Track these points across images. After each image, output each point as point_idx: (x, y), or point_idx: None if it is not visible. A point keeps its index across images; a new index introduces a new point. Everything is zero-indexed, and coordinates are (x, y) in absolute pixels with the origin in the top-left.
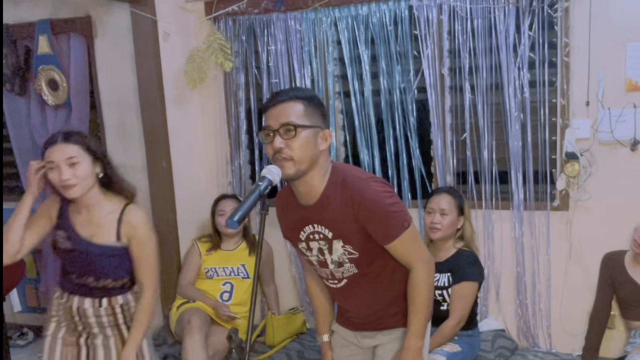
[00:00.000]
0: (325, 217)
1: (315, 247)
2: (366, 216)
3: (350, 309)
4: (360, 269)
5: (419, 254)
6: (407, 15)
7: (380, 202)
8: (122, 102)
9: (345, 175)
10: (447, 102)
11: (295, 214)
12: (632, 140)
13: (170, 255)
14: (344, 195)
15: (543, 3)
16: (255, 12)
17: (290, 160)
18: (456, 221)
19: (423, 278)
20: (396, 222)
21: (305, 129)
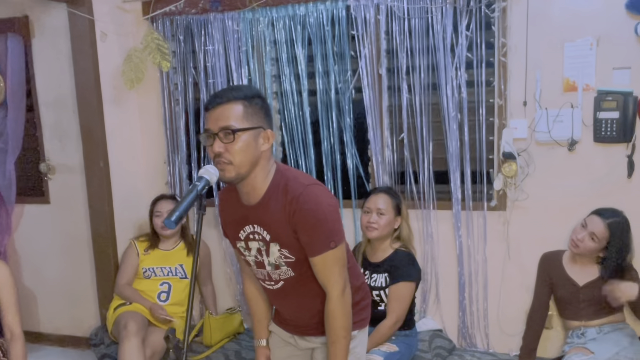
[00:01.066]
0: (264, 219)
1: (255, 247)
2: (298, 223)
3: (286, 312)
4: (296, 273)
5: (336, 280)
6: (344, 15)
7: (316, 211)
8: (60, 102)
9: (288, 178)
10: (385, 102)
11: (237, 213)
12: (569, 140)
13: (107, 254)
14: (283, 199)
15: (480, 3)
16: (192, 12)
17: (230, 164)
18: (393, 221)
19: (337, 307)
20: (323, 238)
21: (245, 132)
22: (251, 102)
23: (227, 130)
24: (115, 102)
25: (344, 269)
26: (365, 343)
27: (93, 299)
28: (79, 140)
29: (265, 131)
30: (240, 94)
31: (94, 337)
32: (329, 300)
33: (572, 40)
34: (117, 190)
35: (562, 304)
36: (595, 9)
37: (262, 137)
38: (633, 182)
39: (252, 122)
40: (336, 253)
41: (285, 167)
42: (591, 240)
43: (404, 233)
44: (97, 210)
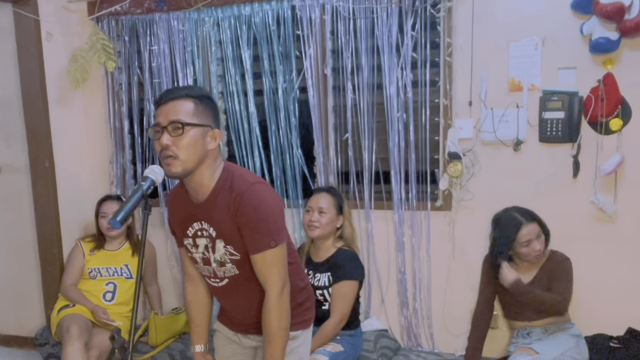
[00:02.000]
0: (211, 215)
1: (202, 244)
2: (241, 220)
3: (231, 309)
4: (241, 271)
5: (275, 279)
6: (289, 15)
7: (258, 209)
8: (5, 101)
9: (234, 176)
10: (330, 102)
11: (185, 210)
12: (514, 140)
13: (52, 254)
14: (229, 196)
15: (425, 3)
16: (138, 12)
17: (176, 159)
18: (335, 220)
19: (274, 307)
20: (264, 236)
21: (194, 128)
22: (201, 101)
23: (177, 124)
24: (60, 102)
25: (284, 270)
26: (309, 343)
27: (38, 299)
28: (24, 141)
29: (213, 130)
30: (191, 92)
31: (40, 337)
32: (267, 299)
33: (517, 40)
34: (62, 190)
35: (506, 305)
36: (540, 9)
37: (210, 135)
38: (578, 182)
39: (201, 119)
40: (276, 252)
41: (233, 165)
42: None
43: (346, 232)
44: (43, 210)
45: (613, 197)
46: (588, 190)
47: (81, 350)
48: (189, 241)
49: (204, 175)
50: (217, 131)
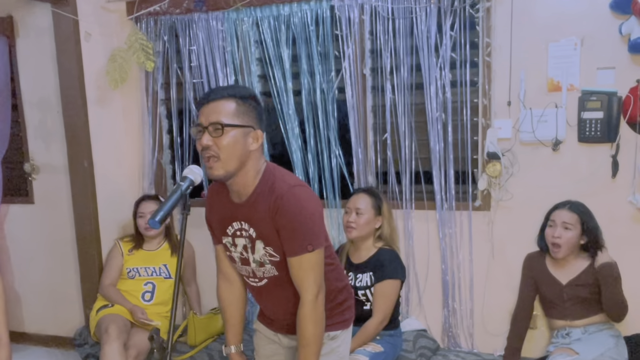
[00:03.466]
0: (251, 216)
1: (241, 243)
2: (280, 222)
3: (270, 310)
4: (280, 272)
5: (310, 284)
6: (328, 15)
7: (297, 213)
8: (44, 102)
9: (276, 178)
10: (369, 102)
11: (226, 209)
12: (553, 140)
13: (91, 255)
14: (269, 198)
15: (464, 3)
16: (176, 12)
17: (217, 160)
18: (373, 221)
19: (308, 312)
20: (301, 240)
21: (234, 129)
22: (244, 102)
23: (217, 124)
24: (99, 102)
25: (320, 275)
26: (349, 343)
27: (77, 299)
28: (63, 141)
29: (255, 131)
30: (234, 92)
31: (78, 337)
32: (302, 304)
33: (556, 40)
34: (101, 190)
35: (546, 304)
36: (579, 9)
37: (252, 136)
38: (617, 182)
39: (243, 120)
40: (313, 257)
41: (275, 166)
42: (566, 230)
43: (385, 232)
44: (82, 210)
45: None
46: (627, 190)
47: (119, 351)
48: (228, 240)
49: (246, 176)
50: (259, 132)
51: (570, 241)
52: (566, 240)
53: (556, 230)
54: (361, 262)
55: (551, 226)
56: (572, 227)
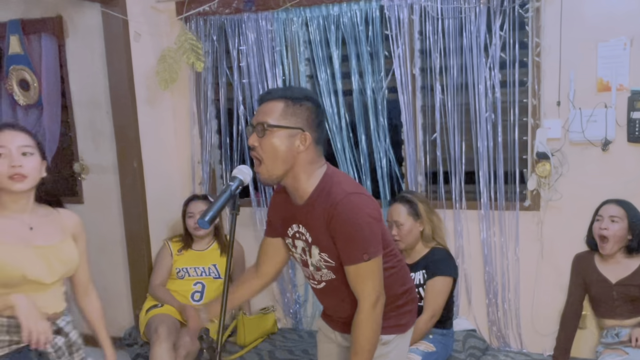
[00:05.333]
0: (308, 221)
1: (300, 245)
2: (335, 230)
3: (329, 309)
4: (337, 275)
5: (368, 292)
6: (378, 15)
7: (352, 221)
8: (93, 101)
9: (333, 183)
10: (419, 102)
11: (287, 210)
12: (602, 141)
13: (141, 254)
14: (325, 204)
15: (514, 3)
16: (226, 12)
17: (262, 162)
18: (414, 226)
19: (365, 319)
20: (357, 248)
21: (279, 130)
22: (295, 102)
23: (262, 124)
24: (149, 102)
25: (378, 283)
26: (404, 349)
27: (127, 299)
28: (112, 140)
29: (304, 133)
30: (286, 93)
31: (128, 337)
32: (359, 311)
33: (605, 40)
34: (150, 190)
35: (596, 303)
36: (629, 9)
37: (299, 138)
38: None
39: (290, 121)
40: (370, 266)
41: (335, 171)
42: (614, 223)
43: (427, 232)
44: (131, 210)
45: None
46: None
47: (169, 351)
48: (289, 241)
49: (298, 179)
50: (308, 134)
51: (617, 234)
52: (613, 232)
53: (603, 222)
54: (414, 262)
55: (598, 220)
56: (619, 220)
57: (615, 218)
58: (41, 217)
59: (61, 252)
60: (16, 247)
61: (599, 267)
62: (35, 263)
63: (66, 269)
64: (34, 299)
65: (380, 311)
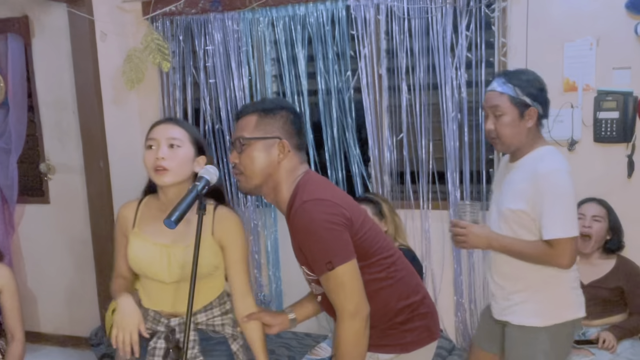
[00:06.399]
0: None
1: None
2: (298, 241)
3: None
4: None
5: (341, 304)
6: (344, 15)
7: (307, 229)
8: (60, 102)
9: (299, 191)
10: (385, 102)
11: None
12: (569, 140)
13: (107, 254)
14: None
15: (480, 3)
16: (192, 12)
17: (241, 175)
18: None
19: (342, 332)
20: (319, 258)
21: (255, 142)
22: (268, 113)
23: (238, 140)
24: (115, 102)
25: (352, 292)
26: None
27: (93, 299)
28: (78, 140)
29: (282, 141)
30: (257, 107)
31: (94, 337)
32: (336, 324)
33: (572, 40)
34: (117, 190)
35: None
36: (595, 9)
37: (278, 147)
38: (633, 182)
39: (265, 132)
40: (337, 275)
41: (309, 179)
42: (596, 222)
43: (390, 232)
44: (97, 210)
45: None
46: None
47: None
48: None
49: (278, 190)
50: (285, 142)
51: (599, 233)
52: (596, 231)
53: (586, 221)
54: None
55: (581, 218)
56: (602, 220)
57: (598, 217)
58: None
59: None
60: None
61: None
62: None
63: None
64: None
65: (361, 324)
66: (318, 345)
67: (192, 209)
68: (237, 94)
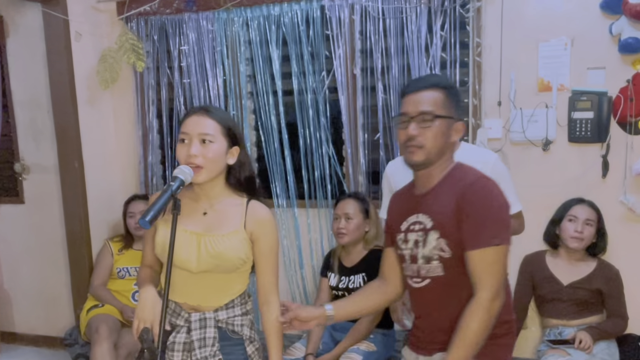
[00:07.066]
0: (433, 205)
1: (412, 239)
2: (465, 211)
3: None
4: (446, 272)
5: (490, 282)
6: (319, 15)
7: (487, 202)
8: (34, 101)
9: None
10: (359, 102)
11: (406, 203)
12: (544, 140)
13: (81, 255)
14: (457, 185)
15: (455, 3)
16: (167, 12)
17: (421, 149)
18: (362, 225)
19: (478, 309)
20: (487, 232)
21: (443, 120)
22: (450, 92)
23: (427, 114)
24: (89, 102)
25: (502, 276)
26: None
27: (67, 299)
28: (53, 140)
29: (457, 123)
30: (442, 82)
31: (69, 337)
32: (475, 301)
33: (546, 41)
34: (91, 190)
35: (543, 303)
36: (569, 9)
37: (454, 128)
38: (607, 182)
39: (449, 112)
40: (497, 252)
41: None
42: (588, 226)
43: (371, 234)
44: (72, 210)
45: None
46: (617, 190)
47: (110, 351)
48: (400, 236)
49: (441, 166)
50: (460, 124)
51: (589, 238)
52: (587, 236)
53: (579, 225)
54: (353, 265)
55: (572, 221)
56: (593, 224)
57: (590, 221)
58: None
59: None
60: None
61: (551, 267)
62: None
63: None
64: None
65: (495, 311)
66: (293, 345)
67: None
68: (211, 93)
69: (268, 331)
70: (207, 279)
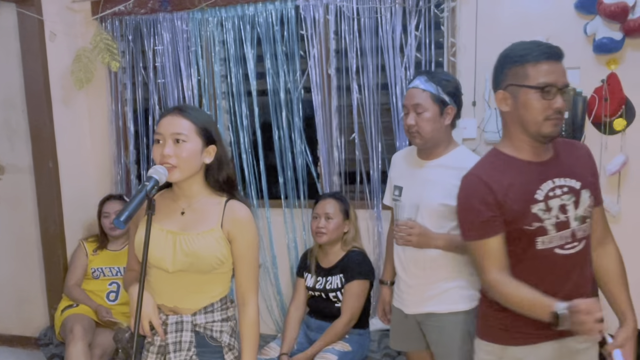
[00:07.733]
0: (571, 166)
1: (556, 205)
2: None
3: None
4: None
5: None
6: (293, 15)
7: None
8: (8, 101)
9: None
10: (334, 102)
11: (525, 176)
12: None
13: (56, 255)
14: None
15: (429, 3)
16: (141, 12)
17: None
18: (342, 225)
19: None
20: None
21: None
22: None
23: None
24: (64, 102)
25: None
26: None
27: (42, 299)
28: (28, 140)
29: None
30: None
31: (43, 337)
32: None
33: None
34: (66, 190)
35: None
36: (544, 9)
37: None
38: None
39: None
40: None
41: None
42: None
43: (350, 235)
44: (46, 210)
45: (617, 197)
46: None
47: (84, 351)
48: (540, 206)
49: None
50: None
51: None
52: None
53: None
54: (331, 265)
55: None
56: None
57: None
58: None
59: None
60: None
61: None
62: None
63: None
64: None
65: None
66: (267, 345)
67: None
68: (186, 93)
69: (243, 331)
70: (184, 279)
